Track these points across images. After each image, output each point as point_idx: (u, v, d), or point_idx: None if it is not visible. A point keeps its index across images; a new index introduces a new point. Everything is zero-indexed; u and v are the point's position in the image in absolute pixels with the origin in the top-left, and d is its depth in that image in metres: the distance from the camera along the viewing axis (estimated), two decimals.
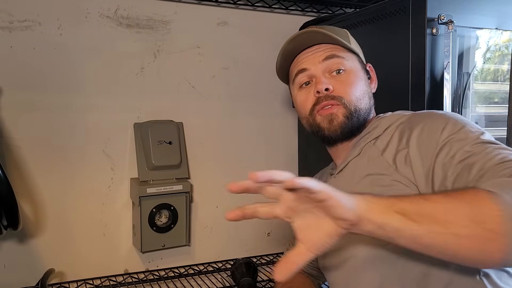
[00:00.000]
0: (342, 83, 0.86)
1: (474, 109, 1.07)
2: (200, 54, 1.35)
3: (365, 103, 0.87)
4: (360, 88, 0.87)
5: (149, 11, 1.28)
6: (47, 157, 1.18)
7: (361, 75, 0.89)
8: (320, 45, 0.88)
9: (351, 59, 0.88)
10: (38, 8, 1.16)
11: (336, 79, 0.86)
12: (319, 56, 0.87)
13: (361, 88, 0.87)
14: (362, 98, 0.87)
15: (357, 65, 0.89)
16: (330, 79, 0.86)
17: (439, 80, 0.97)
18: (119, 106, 1.26)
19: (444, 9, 0.95)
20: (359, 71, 0.89)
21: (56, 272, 1.19)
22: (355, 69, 0.88)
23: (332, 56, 0.86)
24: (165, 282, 1.26)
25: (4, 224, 0.98)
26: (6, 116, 1.14)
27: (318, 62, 0.87)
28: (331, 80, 0.86)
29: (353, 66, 0.88)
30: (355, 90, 0.86)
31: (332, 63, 0.86)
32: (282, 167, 1.48)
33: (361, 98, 0.86)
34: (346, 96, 0.85)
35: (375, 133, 0.84)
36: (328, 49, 0.87)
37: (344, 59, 0.87)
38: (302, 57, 0.90)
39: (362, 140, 0.86)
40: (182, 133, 1.32)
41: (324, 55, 0.87)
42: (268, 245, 1.47)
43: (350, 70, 0.87)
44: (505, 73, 1.12)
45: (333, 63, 0.86)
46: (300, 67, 0.89)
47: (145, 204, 1.21)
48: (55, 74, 1.18)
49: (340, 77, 0.86)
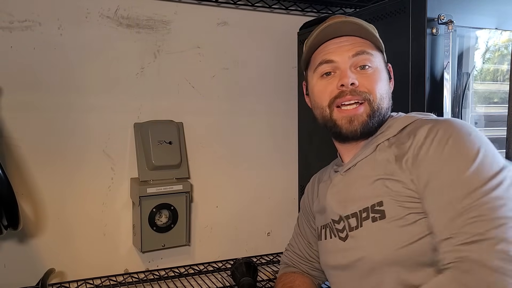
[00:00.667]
0: (368, 79, 0.83)
1: (474, 109, 1.07)
2: (200, 54, 1.35)
3: (387, 103, 0.85)
4: (384, 87, 0.85)
5: (149, 11, 1.28)
6: (47, 157, 1.18)
7: (385, 75, 0.87)
8: (349, 37, 0.84)
9: (378, 57, 0.86)
10: (38, 8, 1.16)
11: (362, 74, 0.84)
12: (349, 50, 0.84)
13: (384, 87, 0.85)
14: (385, 98, 0.85)
15: (382, 64, 0.87)
16: (356, 74, 0.83)
17: (439, 80, 0.97)
18: (119, 106, 1.26)
19: (444, 9, 0.95)
20: (383, 70, 0.87)
21: (56, 272, 1.19)
22: (381, 67, 0.86)
23: (362, 52, 0.83)
24: (165, 282, 1.26)
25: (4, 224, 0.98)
26: (6, 116, 1.14)
27: (347, 57, 0.83)
28: (357, 75, 0.83)
29: (379, 65, 0.85)
30: (380, 88, 0.84)
31: (361, 59, 0.83)
32: (282, 168, 1.49)
33: (384, 97, 0.85)
34: (372, 92, 0.83)
35: (388, 134, 0.82)
36: (358, 43, 0.84)
37: (372, 56, 0.84)
38: (330, 47, 0.85)
39: (375, 139, 0.84)
40: (182, 133, 1.32)
41: (354, 50, 0.84)
42: (268, 245, 1.47)
43: (376, 68, 0.85)
44: (504, 73, 1.12)
45: (362, 59, 0.83)
46: (327, 58, 0.85)
47: (145, 204, 1.21)
48: (55, 74, 1.18)
49: (366, 73, 0.84)
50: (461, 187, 0.69)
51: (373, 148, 0.83)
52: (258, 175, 1.45)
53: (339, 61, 0.84)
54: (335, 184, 0.90)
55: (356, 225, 0.81)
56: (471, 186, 0.68)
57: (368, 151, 0.84)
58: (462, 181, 0.69)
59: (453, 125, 0.75)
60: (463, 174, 0.69)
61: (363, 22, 0.86)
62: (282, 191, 1.49)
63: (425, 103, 0.96)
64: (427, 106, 0.96)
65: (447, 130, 0.74)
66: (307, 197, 1.05)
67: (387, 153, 0.80)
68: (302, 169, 1.49)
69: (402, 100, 1.00)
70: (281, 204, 1.50)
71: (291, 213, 1.50)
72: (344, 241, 0.84)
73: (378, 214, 0.78)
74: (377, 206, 0.78)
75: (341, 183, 0.89)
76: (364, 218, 0.80)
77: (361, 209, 0.81)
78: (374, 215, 0.78)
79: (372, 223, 0.78)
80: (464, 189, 0.68)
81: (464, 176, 0.69)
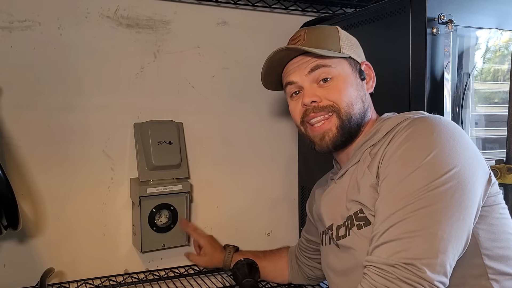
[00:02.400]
0: (330, 90, 0.85)
1: (474, 109, 1.07)
2: (200, 54, 1.35)
3: (358, 107, 0.86)
4: (351, 93, 0.85)
5: (149, 11, 1.28)
6: (47, 157, 1.18)
7: (351, 80, 0.87)
8: (305, 55, 0.87)
9: (339, 65, 0.86)
10: (38, 8, 1.16)
11: (324, 87, 0.85)
12: (305, 68, 0.86)
13: (351, 94, 0.86)
14: (354, 103, 0.85)
15: (347, 69, 0.87)
16: (318, 89, 0.86)
17: (439, 80, 0.97)
18: (119, 106, 1.26)
19: (444, 9, 0.95)
20: (348, 76, 0.87)
21: (56, 272, 1.19)
22: (344, 74, 0.86)
23: (318, 66, 0.85)
24: (165, 282, 1.26)
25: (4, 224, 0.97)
26: (6, 116, 1.14)
27: (304, 75, 0.86)
28: (319, 90, 0.85)
29: (341, 72, 0.86)
30: (344, 96, 0.85)
31: (319, 73, 0.85)
32: (282, 168, 1.49)
33: (353, 103, 0.85)
34: (337, 103, 0.84)
35: (375, 139, 0.83)
36: (313, 59, 0.86)
37: (330, 68, 0.85)
38: (290, 68, 0.89)
39: (364, 145, 0.85)
40: (182, 133, 1.32)
41: (309, 67, 0.86)
42: (268, 245, 1.47)
43: (338, 77, 0.85)
44: (505, 73, 1.12)
45: (319, 73, 0.85)
46: (288, 79, 0.89)
47: (145, 204, 1.21)
48: (55, 74, 1.18)
49: (329, 85, 0.85)
50: (398, 190, 0.70)
51: (361, 154, 0.85)
52: (258, 175, 1.45)
53: (299, 81, 0.87)
54: (328, 192, 0.92)
55: (344, 234, 0.83)
56: (406, 190, 0.69)
57: (357, 158, 0.85)
58: (400, 184, 0.70)
59: (421, 124, 0.75)
60: (403, 176, 0.70)
61: (315, 37, 0.87)
62: (282, 191, 1.49)
63: (425, 103, 0.96)
64: (427, 106, 0.96)
65: (414, 130, 0.74)
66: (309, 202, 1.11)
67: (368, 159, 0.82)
68: (302, 169, 1.49)
69: (402, 100, 1.00)
70: (281, 204, 1.50)
71: (291, 213, 1.50)
72: (338, 248, 0.86)
73: (362, 221, 0.79)
74: (360, 214, 0.79)
75: (332, 191, 0.91)
76: (350, 226, 0.81)
77: (346, 218, 0.82)
78: (358, 223, 0.79)
79: (358, 230, 0.79)
80: (400, 193, 0.70)
81: (403, 179, 0.70)
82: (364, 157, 0.83)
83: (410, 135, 0.74)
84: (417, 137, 0.73)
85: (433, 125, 0.73)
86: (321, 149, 0.87)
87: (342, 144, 0.87)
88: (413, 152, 0.72)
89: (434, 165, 0.69)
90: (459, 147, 0.71)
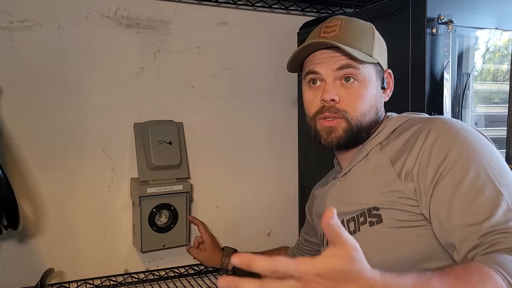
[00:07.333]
0: (350, 95, 0.83)
1: (474, 109, 1.07)
2: (200, 54, 1.35)
3: (370, 117, 0.85)
4: (368, 102, 0.84)
5: (149, 11, 1.28)
6: (47, 157, 1.18)
7: (373, 88, 0.85)
8: (337, 50, 0.83)
9: (366, 69, 0.84)
10: (38, 8, 1.16)
11: (346, 88, 0.83)
12: (335, 62, 0.83)
13: (368, 103, 0.84)
14: (367, 113, 0.84)
15: (372, 75, 0.85)
16: (340, 87, 0.84)
17: (439, 80, 0.97)
18: (119, 106, 1.26)
19: (444, 9, 0.95)
20: (372, 83, 0.85)
21: (56, 272, 1.19)
22: (368, 81, 0.84)
23: (348, 66, 0.83)
24: (165, 282, 1.26)
25: (4, 224, 0.98)
26: (6, 116, 1.14)
27: (332, 70, 0.83)
28: (340, 90, 0.83)
29: (367, 77, 0.84)
30: (361, 105, 0.83)
31: (346, 72, 0.83)
32: (282, 168, 1.49)
33: (367, 113, 0.84)
34: (351, 111, 0.83)
35: (380, 137, 0.83)
36: (344, 57, 0.83)
37: (359, 70, 0.83)
38: (318, 57, 0.86)
39: (368, 144, 0.85)
40: (182, 133, 1.32)
41: (339, 63, 0.83)
42: (268, 245, 1.47)
43: (362, 81, 0.84)
44: (504, 74, 1.12)
45: (346, 72, 0.83)
46: (313, 69, 0.86)
47: (145, 204, 1.21)
48: (55, 74, 1.18)
49: (350, 87, 0.83)
50: (468, 189, 0.69)
51: (367, 152, 0.85)
52: (258, 175, 1.45)
53: (324, 74, 0.85)
54: (333, 191, 0.92)
55: (354, 229, 0.82)
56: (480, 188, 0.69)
57: (362, 155, 0.85)
58: (467, 185, 0.70)
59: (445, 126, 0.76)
60: (468, 176, 0.70)
61: (352, 35, 0.84)
62: (282, 191, 1.49)
63: (425, 103, 0.96)
64: (427, 106, 0.96)
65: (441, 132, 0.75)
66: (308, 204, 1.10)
67: (380, 157, 0.82)
68: (302, 169, 1.49)
69: (402, 100, 1.00)
70: (281, 204, 1.50)
71: (291, 213, 1.50)
72: None
73: (375, 218, 0.78)
74: (374, 211, 0.79)
75: (338, 189, 0.91)
76: (362, 223, 0.81)
77: (358, 213, 0.82)
78: (371, 220, 0.79)
79: (370, 227, 0.79)
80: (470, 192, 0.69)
81: (469, 178, 0.70)
82: (373, 154, 0.83)
83: (446, 140, 0.74)
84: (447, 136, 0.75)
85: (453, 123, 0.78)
86: (326, 143, 0.86)
87: (346, 146, 0.87)
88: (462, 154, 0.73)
89: (486, 146, 0.74)
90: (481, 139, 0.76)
